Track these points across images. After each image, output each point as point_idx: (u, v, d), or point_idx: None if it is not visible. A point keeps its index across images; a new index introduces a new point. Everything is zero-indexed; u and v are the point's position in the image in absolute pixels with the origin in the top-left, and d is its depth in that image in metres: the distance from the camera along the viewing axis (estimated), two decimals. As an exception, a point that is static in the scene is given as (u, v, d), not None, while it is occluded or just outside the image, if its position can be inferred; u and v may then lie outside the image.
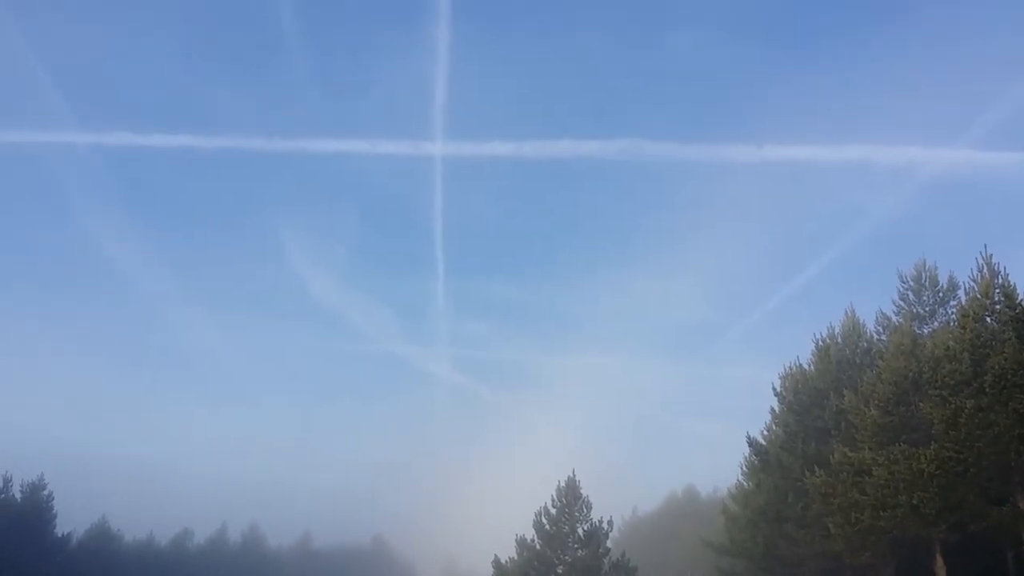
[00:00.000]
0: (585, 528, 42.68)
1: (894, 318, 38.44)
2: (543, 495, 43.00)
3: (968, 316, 30.90)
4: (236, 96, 63.38)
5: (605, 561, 41.99)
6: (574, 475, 43.23)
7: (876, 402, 32.19)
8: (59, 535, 63.90)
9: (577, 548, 42.28)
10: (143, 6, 68.05)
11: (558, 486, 43.31)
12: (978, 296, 31.45)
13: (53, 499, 62.30)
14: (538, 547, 42.24)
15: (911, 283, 38.70)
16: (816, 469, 33.72)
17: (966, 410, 28.40)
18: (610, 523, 43.29)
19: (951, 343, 31.12)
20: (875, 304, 39.24)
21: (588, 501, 43.05)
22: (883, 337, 38.31)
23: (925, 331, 36.86)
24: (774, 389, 40.69)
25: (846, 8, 74.69)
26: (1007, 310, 29.32)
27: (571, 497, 42.98)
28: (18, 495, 61.08)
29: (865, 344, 38.60)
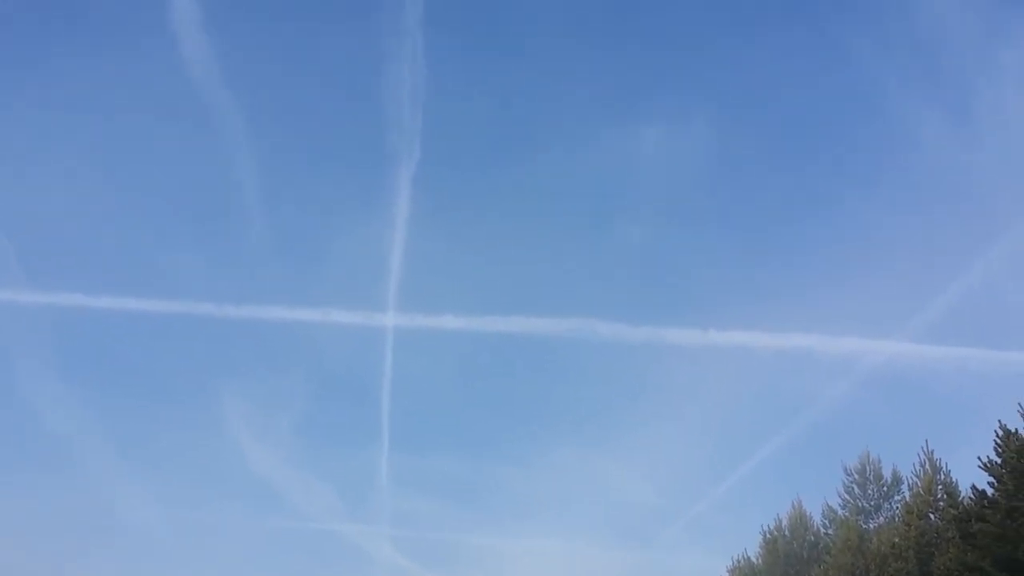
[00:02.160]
0: None
1: (840, 511, 38.20)
2: None
3: (912, 513, 30.86)
4: (189, 260, 65.04)
5: None
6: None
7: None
8: None
9: None
10: (101, 168, 69.91)
11: None
12: (921, 493, 31.57)
13: None
14: None
15: (856, 476, 38.74)
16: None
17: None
18: None
19: (897, 540, 30.91)
20: (821, 494, 39.22)
21: None
22: (830, 531, 37.96)
23: (871, 525, 36.60)
24: (723, 582, 39.67)
25: (791, 203, 78.53)
26: (950, 508, 29.32)
27: None
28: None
29: (812, 537, 38.15)
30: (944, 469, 31.63)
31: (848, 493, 38.69)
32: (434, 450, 65.71)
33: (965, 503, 28.07)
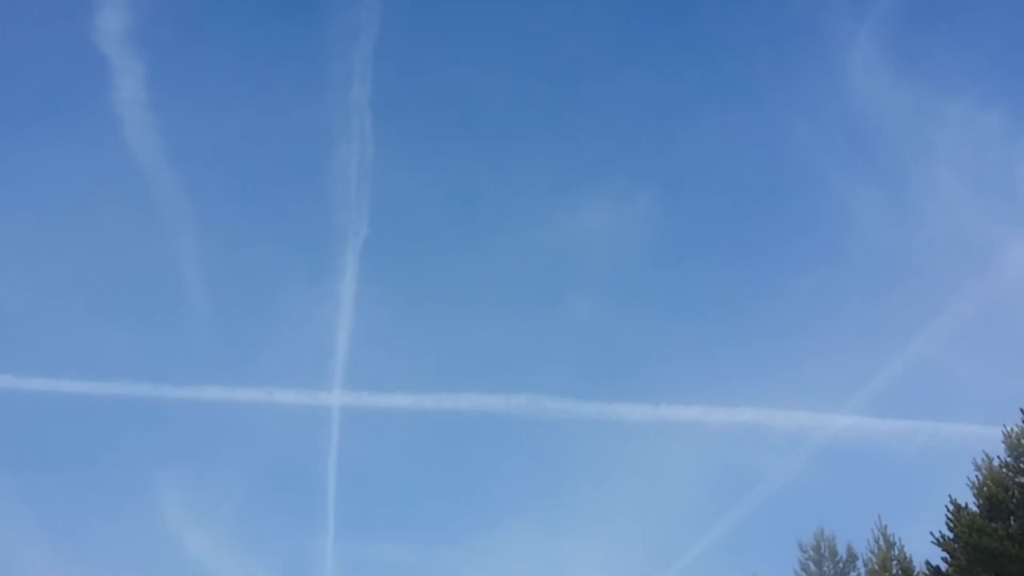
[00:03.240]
0: None
1: (796, 589, 37.81)
2: None
3: (869, 590, 30.68)
4: (127, 341, 63.12)
5: None
6: None
7: None
8: None
9: None
10: (37, 246, 68.65)
11: None
12: (876, 569, 31.45)
13: None
14: None
15: (811, 552, 38.48)
16: None
17: None
18: None
19: (854, 618, 30.63)
20: (777, 570, 38.88)
21: None
22: (787, 609, 37.48)
23: (828, 603, 36.27)
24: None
25: (735, 280, 79.86)
26: (906, 584, 29.26)
27: None
28: None
29: (770, 617, 37.63)
30: (898, 544, 31.60)
31: (804, 570, 38.35)
32: (382, 535, 63.84)
33: (920, 579, 28.06)
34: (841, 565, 38.05)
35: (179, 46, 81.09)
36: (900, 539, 32.41)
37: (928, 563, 26.38)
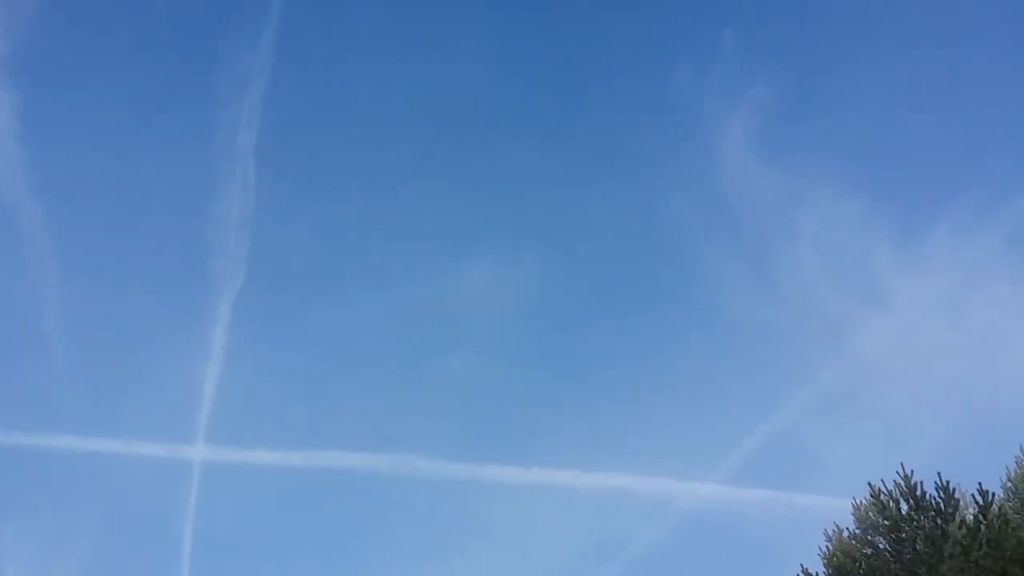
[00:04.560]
0: None
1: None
2: None
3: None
4: (-22, 385, 59.29)
5: None
6: None
7: None
8: None
9: None
10: None
11: None
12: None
13: None
14: None
15: (672, 619, 39.24)
16: None
17: None
18: None
19: None
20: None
21: None
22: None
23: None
24: None
25: (610, 347, 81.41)
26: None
27: None
28: None
29: None
30: (754, 612, 32.47)
31: (665, 637, 39.02)
32: (239, 595, 61.33)
33: (773, 646, 28.86)
34: (700, 632, 38.87)
35: (58, 80, 78.30)
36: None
37: (781, 631, 27.25)
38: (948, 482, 24.92)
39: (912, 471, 25.48)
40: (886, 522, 25.71)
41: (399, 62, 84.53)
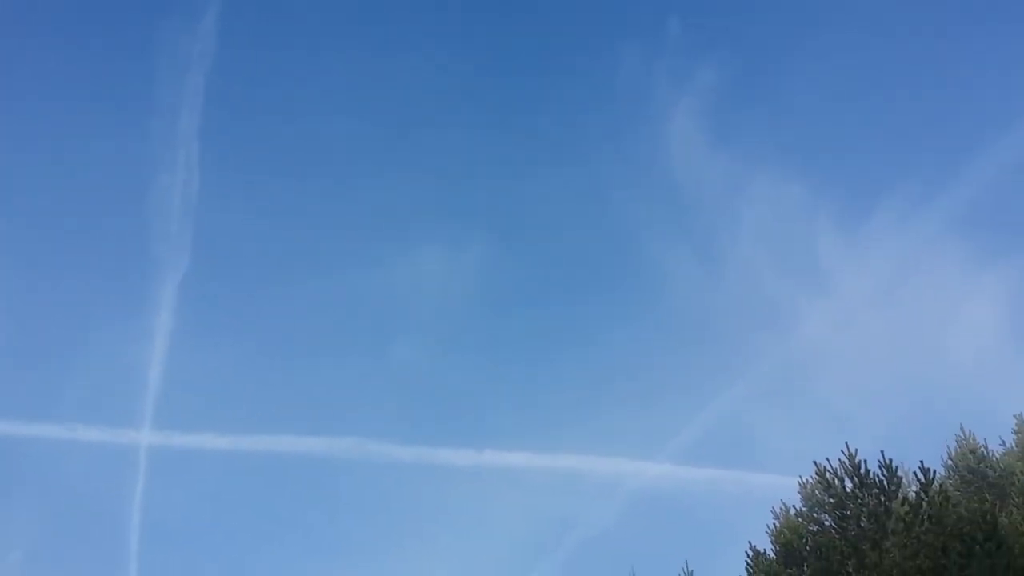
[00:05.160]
0: None
1: (607, 634, 38.82)
2: None
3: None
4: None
5: None
6: None
7: None
8: None
9: None
10: None
11: None
12: (682, 613, 32.68)
13: None
14: None
15: (622, 598, 39.67)
16: None
17: None
18: None
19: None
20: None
21: None
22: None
23: (636, 648, 37.32)
24: None
25: (560, 331, 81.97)
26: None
27: None
28: None
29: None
30: (703, 589, 33.00)
31: (615, 615, 39.51)
32: (188, 583, 60.68)
33: (722, 622, 29.42)
34: (650, 610, 39.40)
35: (-3, 62, 76.12)
36: (705, 583, 33.97)
37: (729, 607, 27.75)
38: (891, 460, 25.58)
39: (856, 450, 26.13)
40: (831, 499, 26.30)
41: (343, 48, 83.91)
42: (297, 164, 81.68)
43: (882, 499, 24.94)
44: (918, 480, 24.92)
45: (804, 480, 27.96)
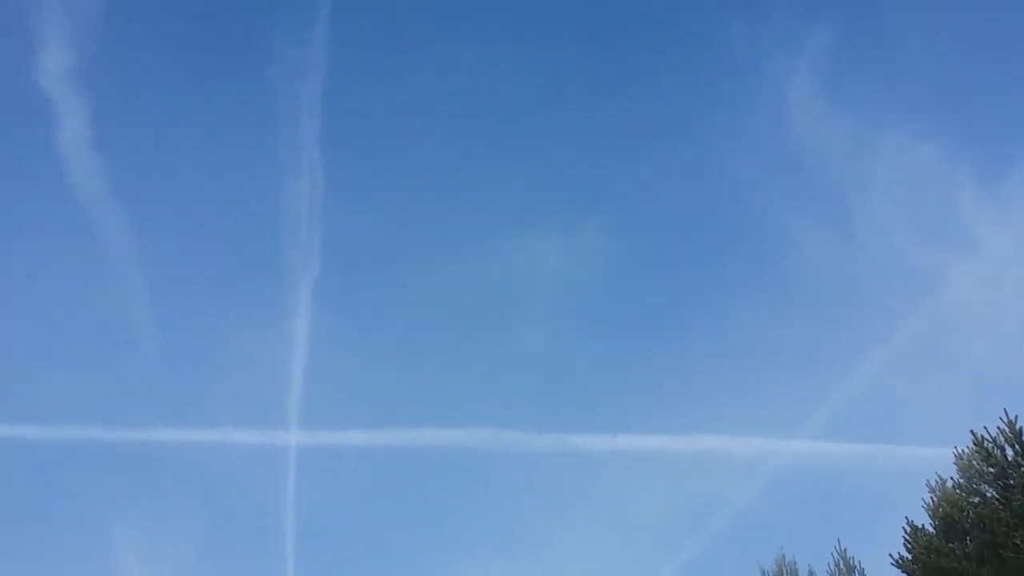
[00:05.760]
0: None
1: (759, 616, 38.14)
2: None
3: (831, 614, 31.08)
4: (74, 385, 61.46)
5: None
6: None
7: None
8: None
9: None
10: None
11: None
12: (838, 592, 31.87)
13: None
14: None
15: (772, 577, 38.93)
16: None
17: None
18: None
19: (818, 642, 31.03)
20: (738, 599, 39.23)
21: None
22: (751, 636, 37.76)
23: (791, 629, 36.61)
24: None
25: (685, 311, 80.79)
26: (867, 607, 29.71)
27: None
28: None
29: (734, 644, 37.89)
30: (858, 567, 32.04)
31: (766, 595, 38.75)
32: (342, 573, 63.03)
33: (881, 601, 28.52)
34: (802, 590, 38.52)
35: (125, 85, 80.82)
36: (859, 561, 32.85)
37: (888, 585, 26.87)
38: (1055, 424, 24.22)
39: (1016, 416, 24.79)
40: (991, 470, 25.08)
41: (448, 44, 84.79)
42: (413, 161, 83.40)
43: (1049, 466, 23.68)
44: (1087, 444, 23.51)
45: (960, 450, 26.73)
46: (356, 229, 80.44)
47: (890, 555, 26.73)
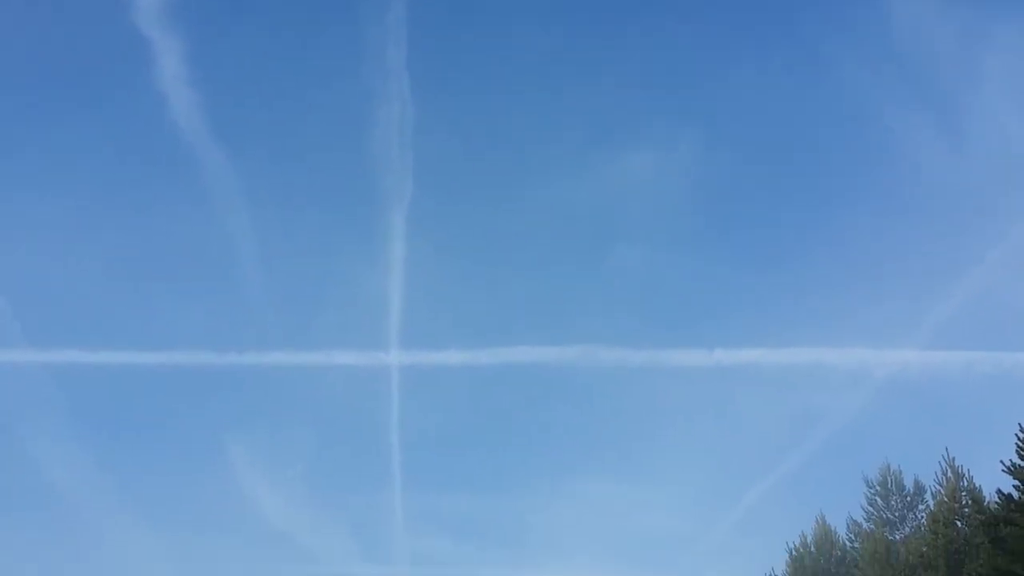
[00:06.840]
0: None
1: (865, 524, 38.07)
2: None
3: (939, 522, 30.81)
4: (187, 312, 64.68)
5: None
6: None
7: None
8: None
9: None
10: (93, 226, 69.89)
11: None
12: (946, 500, 31.52)
13: None
14: None
15: (878, 488, 38.64)
16: None
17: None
18: None
19: (925, 549, 30.85)
20: (843, 508, 39.09)
21: None
22: (856, 544, 37.79)
23: (897, 536, 36.47)
24: (751, 603, 39.44)
25: (782, 220, 78.72)
26: (977, 515, 29.26)
27: None
28: None
29: (839, 552, 37.96)
30: (967, 475, 31.58)
31: (871, 505, 38.59)
32: (447, 488, 65.29)
33: (991, 508, 28.03)
34: (909, 499, 38.16)
35: (216, 23, 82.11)
36: (968, 470, 32.37)
37: (1000, 491, 26.26)
38: None
39: None
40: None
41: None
42: (502, 81, 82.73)
43: None
44: None
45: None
46: (448, 152, 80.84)
47: (1002, 462, 26.11)
